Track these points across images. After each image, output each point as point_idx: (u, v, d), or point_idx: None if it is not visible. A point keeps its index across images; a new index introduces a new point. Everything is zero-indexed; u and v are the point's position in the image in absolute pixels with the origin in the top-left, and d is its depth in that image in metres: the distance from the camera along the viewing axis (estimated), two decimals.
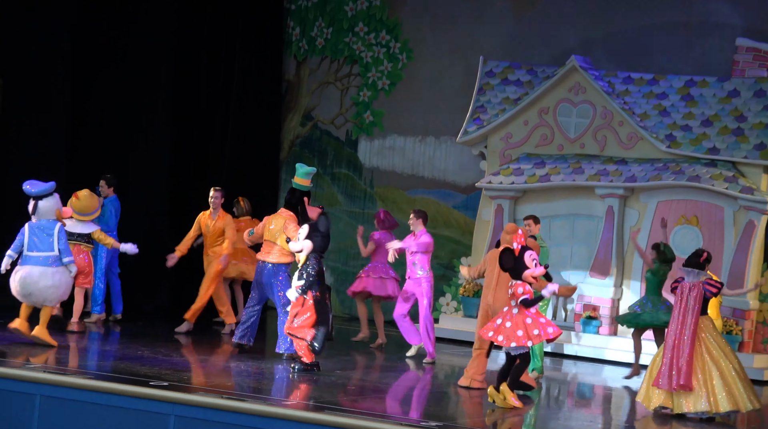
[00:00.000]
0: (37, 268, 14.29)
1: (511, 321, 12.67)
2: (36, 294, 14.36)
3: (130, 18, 19.51)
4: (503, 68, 19.13)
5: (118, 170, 17.97)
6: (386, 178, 20.62)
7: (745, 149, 17.29)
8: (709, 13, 18.54)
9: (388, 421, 11.34)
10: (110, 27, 19.54)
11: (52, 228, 14.39)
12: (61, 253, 14.36)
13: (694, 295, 13.09)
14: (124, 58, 19.54)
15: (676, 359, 12.92)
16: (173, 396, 11.80)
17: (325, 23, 21.10)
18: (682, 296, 13.11)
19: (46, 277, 14.31)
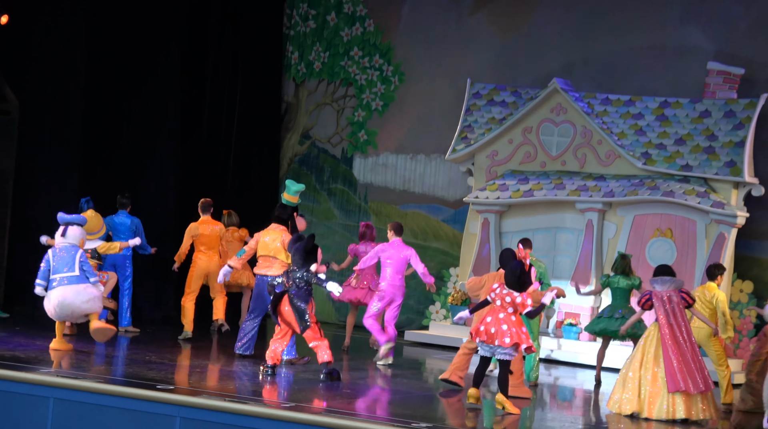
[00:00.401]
0: (70, 288, 14.42)
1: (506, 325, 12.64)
2: (75, 311, 14.50)
3: (140, 45, 19.51)
4: (489, 90, 19.13)
5: (128, 187, 17.95)
6: (379, 193, 20.60)
7: (716, 166, 17.29)
8: (682, 38, 18.54)
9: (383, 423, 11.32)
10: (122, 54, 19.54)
11: (74, 251, 14.49)
12: (87, 274, 14.49)
13: (676, 301, 13.04)
14: (135, 83, 19.55)
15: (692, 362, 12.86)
16: (179, 399, 11.81)
17: (322, 48, 21.09)
18: (665, 305, 13.04)
19: (79, 294, 14.45)
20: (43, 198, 18.50)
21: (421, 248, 19.93)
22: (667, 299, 13.07)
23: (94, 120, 19.30)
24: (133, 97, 19.59)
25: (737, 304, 17.10)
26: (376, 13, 20.71)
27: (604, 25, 19.03)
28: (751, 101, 17.42)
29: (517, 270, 12.71)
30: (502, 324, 12.66)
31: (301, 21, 21.18)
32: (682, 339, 12.95)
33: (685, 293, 13.18)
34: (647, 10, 18.77)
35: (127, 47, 19.60)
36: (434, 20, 20.25)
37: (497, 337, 12.61)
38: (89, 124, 19.20)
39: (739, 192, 17.32)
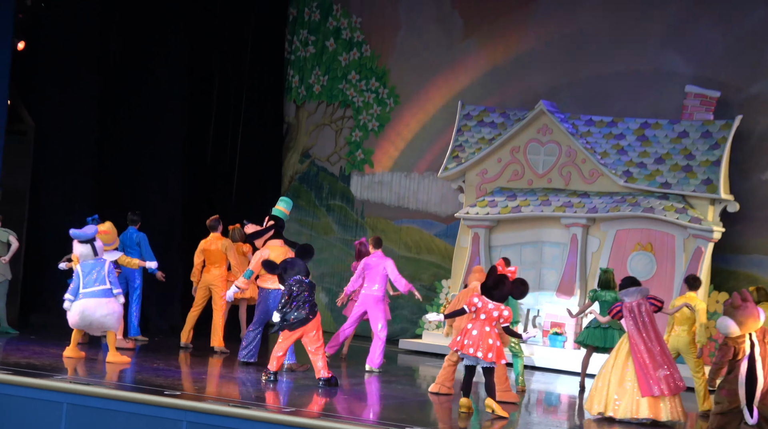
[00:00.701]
0: (93, 300, 14.46)
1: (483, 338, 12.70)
2: (95, 322, 14.52)
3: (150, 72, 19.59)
4: (479, 111, 19.18)
5: (138, 206, 17.97)
6: (375, 209, 20.63)
7: (694, 184, 17.34)
8: (661, 63, 18.60)
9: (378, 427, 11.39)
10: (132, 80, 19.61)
11: (102, 264, 14.58)
12: (112, 285, 14.54)
13: (645, 309, 13.11)
14: (145, 107, 19.60)
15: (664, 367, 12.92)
16: (185, 404, 11.82)
17: (322, 72, 21.14)
18: (633, 314, 13.11)
19: (101, 307, 14.47)
20: (56, 215, 18.53)
21: (414, 261, 20.07)
22: (636, 309, 13.13)
23: (105, 142, 19.35)
24: (143, 120, 19.62)
25: (713, 314, 17.12)
26: (372, 39, 20.77)
27: (588, 50, 19.09)
28: (726, 122, 17.46)
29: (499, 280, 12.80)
30: (488, 338, 12.72)
31: (301, 46, 21.24)
32: (651, 344, 13.02)
33: (653, 298, 13.26)
34: (628, 36, 18.83)
35: (138, 74, 19.66)
36: (427, 46, 20.31)
37: (483, 351, 12.66)
38: (101, 147, 19.26)
39: (716, 208, 17.37)
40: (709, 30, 18.28)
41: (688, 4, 18.46)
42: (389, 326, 18.44)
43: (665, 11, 18.61)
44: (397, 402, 13.74)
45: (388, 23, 20.66)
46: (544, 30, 19.45)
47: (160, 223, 19.25)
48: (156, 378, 13.47)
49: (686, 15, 18.45)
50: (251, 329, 15.35)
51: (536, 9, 19.51)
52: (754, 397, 11.22)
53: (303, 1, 21.24)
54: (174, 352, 16.19)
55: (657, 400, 12.91)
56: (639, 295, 13.20)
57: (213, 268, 16.64)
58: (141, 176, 19.56)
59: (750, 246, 17.77)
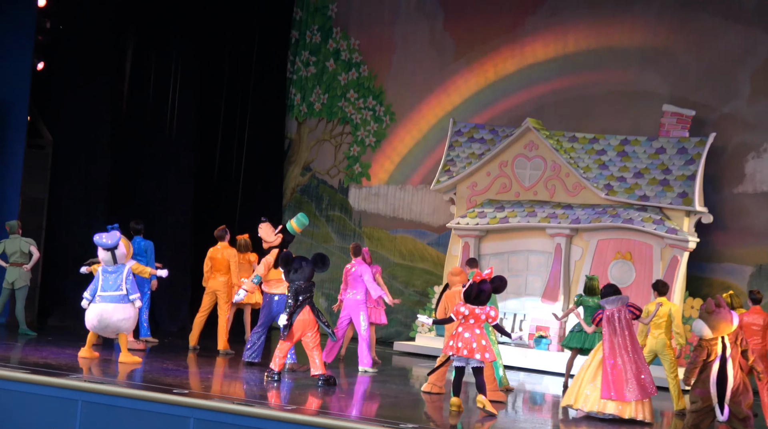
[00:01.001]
0: (111, 305, 14.55)
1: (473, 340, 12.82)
2: (111, 326, 14.59)
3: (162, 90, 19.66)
4: (470, 128, 19.23)
5: (149, 215, 18.01)
6: (372, 219, 20.67)
7: (670, 197, 17.39)
8: (640, 83, 18.64)
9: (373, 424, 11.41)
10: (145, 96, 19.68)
11: (121, 270, 14.66)
12: (128, 291, 14.62)
13: (623, 316, 13.21)
14: (156, 122, 19.65)
15: (634, 373, 13.03)
16: (193, 402, 11.85)
17: (322, 90, 21.19)
18: (612, 322, 13.21)
19: (118, 312, 14.55)
20: (73, 224, 18.58)
21: (408, 268, 20.11)
22: (616, 316, 13.21)
23: (118, 155, 19.36)
24: (154, 134, 19.66)
25: (689, 318, 17.17)
26: (369, 61, 20.81)
27: (571, 71, 19.14)
28: (701, 139, 17.49)
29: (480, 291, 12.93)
30: (481, 339, 12.83)
31: (303, 67, 21.30)
32: (626, 350, 13.11)
33: (632, 306, 13.37)
34: (609, 58, 18.87)
35: (150, 92, 19.72)
36: (421, 67, 20.35)
37: (472, 352, 12.76)
38: (114, 159, 19.26)
39: (691, 220, 17.39)
40: (685, 54, 18.32)
41: (665, 30, 18.51)
42: (384, 329, 18.62)
43: (645, 36, 18.64)
44: (391, 400, 13.76)
45: (384, 45, 20.70)
46: (531, 52, 19.50)
47: (170, 231, 19.29)
48: (165, 377, 13.49)
49: (664, 40, 18.50)
50: (256, 331, 15.42)
51: (523, 33, 19.55)
52: (725, 396, 11.36)
53: (305, 25, 21.29)
54: (182, 353, 16.19)
55: (627, 402, 13.02)
56: (619, 302, 13.27)
57: (219, 275, 16.66)
58: (152, 187, 19.58)
59: (723, 255, 17.80)
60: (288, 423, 11.40)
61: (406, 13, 20.53)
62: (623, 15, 18.81)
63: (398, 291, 19.91)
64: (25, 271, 16.91)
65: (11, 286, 16.87)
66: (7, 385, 12.47)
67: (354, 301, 15.74)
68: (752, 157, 17.78)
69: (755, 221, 17.65)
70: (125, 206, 18.98)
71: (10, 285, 16.86)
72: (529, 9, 19.49)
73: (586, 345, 15.11)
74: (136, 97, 19.66)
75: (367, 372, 15.58)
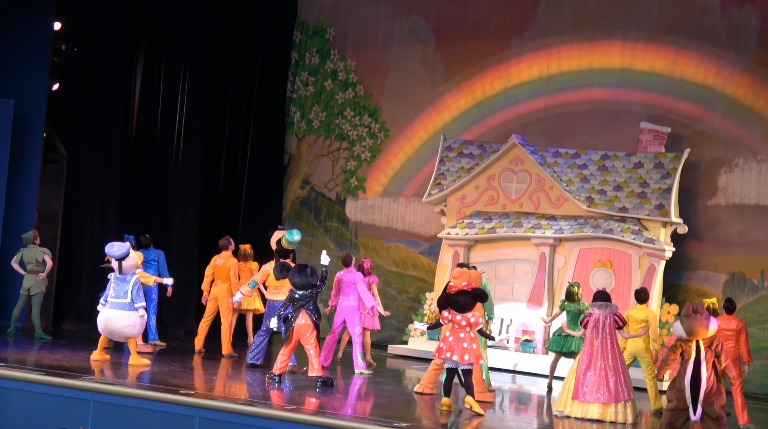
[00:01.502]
0: (117, 312, 14.54)
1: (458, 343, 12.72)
2: (116, 331, 14.58)
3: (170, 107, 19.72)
4: (459, 144, 19.19)
5: (158, 226, 17.94)
6: (367, 230, 20.62)
7: (648, 209, 17.37)
8: (619, 102, 18.62)
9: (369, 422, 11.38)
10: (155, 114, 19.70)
11: (129, 280, 14.60)
12: (133, 300, 14.56)
13: (608, 323, 13.11)
14: (165, 140, 19.71)
15: (605, 376, 12.89)
16: (198, 402, 11.84)
17: (320, 108, 21.15)
18: (597, 326, 13.11)
19: (124, 318, 14.53)
20: (86, 235, 18.59)
21: (401, 276, 20.06)
22: (602, 321, 13.13)
23: (130, 170, 19.39)
24: (163, 150, 19.70)
25: (665, 323, 17.12)
26: (365, 81, 20.79)
27: (554, 90, 19.11)
28: (676, 154, 17.48)
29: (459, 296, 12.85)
30: (463, 342, 12.74)
31: (302, 86, 21.27)
32: (604, 355, 12.98)
33: (618, 316, 13.25)
34: (590, 78, 18.86)
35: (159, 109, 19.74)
36: (413, 86, 20.32)
37: (459, 354, 12.68)
38: (126, 174, 19.30)
39: (667, 230, 17.35)
40: (661, 74, 18.28)
41: (643, 52, 18.48)
42: (379, 333, 18.56)
43: (623, 57, 18.63)
44: (385, 401, 13.71)
45: (379, 66, 20.68)
46: (516, 73, 19.48)
47: (178, 241, 19.32)
48: (172, 378, 13.47)
49: (641, 61, 18.48)
50: (259, 335, 15.35)
51: (509, 55, 19.53)
52: (699, 397, 11.28)
53: (304, 47, 21.26)
54: (189, 356, 16.17)
55: (607, 405, 12.90)
56: (608, 309, 13.20)
57: (220, 282, 16.58)
58: (161, 200, 19.59)
59: (698, 263, 17.77)
60: (288, 422, 11.42)
61: (400, 36, 20.50)
62: (603, 38, 18.82)
63: (392, 297, 19.88)
64: (40, 278, 16.83)
65: (27, 292, 16.80)
66: (23, 386, 12.51)
67: (348, 307, 15.71)
68: (725, 171, 17.74)
69: (728, 231, 17.61)
70: (136, 218, 18.98)
71: (27, 291, 16.81)
72: (515, 32, 19.49)
73: (565, 348, 15.06)
74: (146, 115, 19.73)
75: (363, 374, 15.49)
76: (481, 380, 13.70)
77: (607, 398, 12.87)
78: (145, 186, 19.56)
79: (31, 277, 16.82)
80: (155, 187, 19.60)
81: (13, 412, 12.40)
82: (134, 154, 19.57)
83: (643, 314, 14.35)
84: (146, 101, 19.71)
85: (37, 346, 15.70)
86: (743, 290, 17.25)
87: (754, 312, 16.54)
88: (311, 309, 14.11)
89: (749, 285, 17.16)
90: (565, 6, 19.11)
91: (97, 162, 18.88)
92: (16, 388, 12.46)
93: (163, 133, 19.74)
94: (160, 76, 19.78)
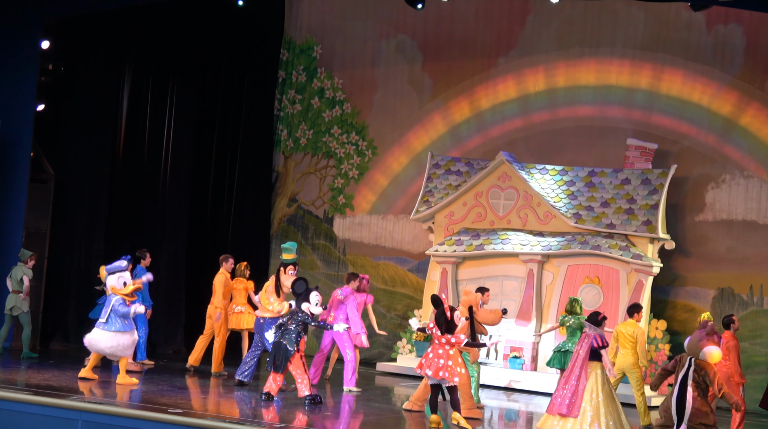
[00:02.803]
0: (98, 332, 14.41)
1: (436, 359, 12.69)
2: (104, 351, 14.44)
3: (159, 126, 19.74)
4: (447, 161, 19.20)
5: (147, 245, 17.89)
6: (356, 247, 20.59)
7: (635, 225, 17.39)
8: (606, 119, 18.66)
9: None
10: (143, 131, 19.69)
11: (109, 301, 14.52)
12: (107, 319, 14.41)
13: (586, 343, 13.03)
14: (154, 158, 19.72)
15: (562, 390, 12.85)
16: (187, 421, 11.76)
17: (307, 126, 21.14)
18: (581, 344, 13.08)
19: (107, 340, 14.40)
20: (74, 254, 18.54)
21: (390, 293, 20.03)
22: (586, 341, 13.03)
23: (117, 189, 19.37)
24: (151, 168, 19.70)
25: (653, 339, 17.15)
26: (352, 98, 20.79)
27: (541, 108, 19.13)
28: (663, 171, 17.53)
29: (441, 317, 12.81)
30: (440, 359, 12.70)
31: (289, 104, 21.25)
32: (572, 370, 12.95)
33: (600, 338, 13.08)
34: (576, 95, 18.91)
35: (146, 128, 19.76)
36: (400, 104, 20.32)
37: (433, 370, 12.64)
38: (113, 193, 19.28)
39: (655, 246, 17.36)
40: (647, 91, 18.32)
41: (629, 69, 18.53)
42: (368, 351, 18.48)
43: (609, 74, 18.67)
44: (374, 418, 13.70)
45: (366, 84, 20.69)
46: (503, 90, 19.50)
47: (166, 259, 19.28)
48: (161, 397, 13.43)
49: (627, 78, 18.53)
50: (250, 352, 15.31)
51: (496, 73, 19.56)
52: (684, 417, 11.32)
53: (291, 65, 21.26)
54: (178, 375, 16.09)
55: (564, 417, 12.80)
56: (593, 331, 13.13)
57: (213, 299, 16.55)
58: (149, 218, 19.59)
59: (686, 279, 17.79)
60: None
61: (387, 55, 20.54)
62: (589, 56, 18.87)
63: (381, 315, 19.84)
64: (21, 298, 16.76)
65: (10, 312, 16.74)
66: (12, 406, 12.43)
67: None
68: (711, 187, 17.78)
69: (716, 247, 17.64)
70: (124, 237, 18.92)
71: (9, 311, 16.74)
72: (502, 51, 19.53)
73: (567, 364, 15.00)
74: (134, 134, 19.74)
75: (351, 391, 15.44)
76: (470, 397, 13.67)
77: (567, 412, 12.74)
78: (133, 205, 19.54)
79: (13, 297, 16.78)
80: (143, 205, 19.59)
81: None
82: (122, 173, 19.56)
83: (631, 329, 14.35)
84: (134, 120, 19.71)
85: (25, 366, 15.64)
86: (732, 306, 17.28)
87: (744, 327, 16.54)
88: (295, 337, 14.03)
89: (738, 300, 17.19)
90: (551, 24, 19.17)
91: (84, 181, 18.87)
92: (4, 408, 12.39)
93: (151, 151, 19.75)
94: (148, 94, 19.79)
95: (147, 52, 19.70)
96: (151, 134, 19.76)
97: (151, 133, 19.76)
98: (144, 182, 19.62)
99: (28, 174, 18.13)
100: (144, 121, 19.74)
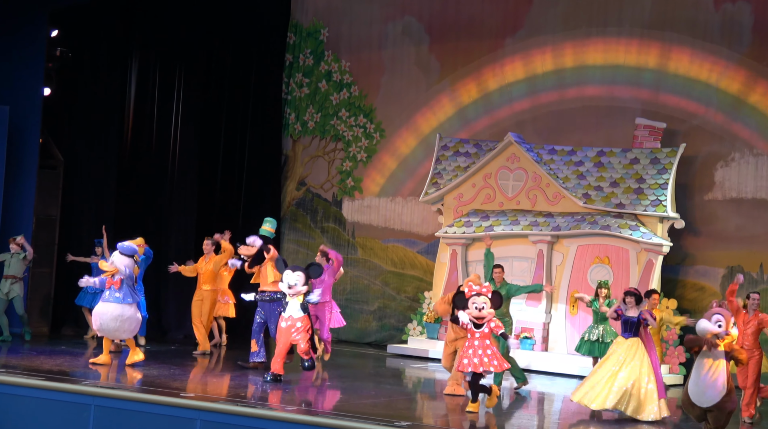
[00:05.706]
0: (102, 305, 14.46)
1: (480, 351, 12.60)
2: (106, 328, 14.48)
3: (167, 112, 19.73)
4: (455, 143, 19.18)
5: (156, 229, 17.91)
6: (365, 230, 20.59)
7: (645, 204, 17.36)
8: (614, 99, 18.62)
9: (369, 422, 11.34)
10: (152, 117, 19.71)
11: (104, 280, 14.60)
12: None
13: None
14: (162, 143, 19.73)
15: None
16: (199, 404, 11.82)
17: (315, 109, 21.12)
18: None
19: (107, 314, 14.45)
20: (84, 239, 18.56)
21: (399, 275, 20.05)
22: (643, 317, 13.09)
23: (126, 174, 19.39)
24: (160, 155, 19.70)
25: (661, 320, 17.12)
26: (360, 81, 20.76)
27: (549, 88, 19.09)
28: (672, 150, 17.50)
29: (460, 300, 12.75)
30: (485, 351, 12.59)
31: (297, 88, 21.23)
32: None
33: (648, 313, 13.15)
34: (584, 75, 18.86)
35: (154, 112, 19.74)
36: (408, 86, 20.28)
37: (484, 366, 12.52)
38: (122, 178, 19.30)
39: (664, 225, 17.35)
40: (656, 70, 18.28)
41: (637, 48, 18.47)
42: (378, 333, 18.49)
43: (617, 54, 18.62)
44: (385, 400, 13.69)
45: (373, 67, 20.65)
46: (511, 71, 19.45)
47: (176, 243, 19.28)
48: (173, 381, 13.48)
49: (635, 57, 18.47)
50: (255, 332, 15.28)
51: (503, 53, 19.51)
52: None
53: (298, 48, 21.23)
54: (189, 359, 16.13)
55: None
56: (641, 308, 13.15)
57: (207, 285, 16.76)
58: (158, 203, 19.58)
59: (695, 258, 17.77)
60: (289, 423, 11.38)
61: (394, 37, 20.49)
62: (597, 35, 18.80)
63: (391, 297, 19.88)
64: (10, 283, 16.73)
65: (6, 296, 16.74)
66: (23, 392, 12.49)
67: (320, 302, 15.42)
68: (721, 165, 17.73)
69: (725, 226, 17.61)
70: (133, 221, 18.94)
71: (5, 295, 16.74)
72: (509, 31, 19.48)
73: (598, 352, 15.00)
74: (142, 119, 19.74)
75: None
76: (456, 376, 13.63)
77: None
78: (142, 190, 19.56)
79: (6, 282, 16.78)
80: (152, 190, 19.59)
81: (13, 418, 12.37)
82: (130, 158, 19.57)
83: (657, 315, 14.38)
84: (142, 105, 19.71)
85: (36, 351, 15.65)
86: (743, 284, 17.22)
87: None
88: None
89: (748, 279, 17.13)
90: (558, 4, 19.11)
91: (93, 167, 18.88)
92: (16, 393, 12.43)
93: (159, 136, 19.75)
94: (155, 79, 19.78)
95: (154, 37, 19.68)
96: (159, 119, 19.76)
97: (159, 118, 19.77)
98: (152, 167, 19.63)
99: (37, 160, 18.16)
100: (152, 106, 19.75)
